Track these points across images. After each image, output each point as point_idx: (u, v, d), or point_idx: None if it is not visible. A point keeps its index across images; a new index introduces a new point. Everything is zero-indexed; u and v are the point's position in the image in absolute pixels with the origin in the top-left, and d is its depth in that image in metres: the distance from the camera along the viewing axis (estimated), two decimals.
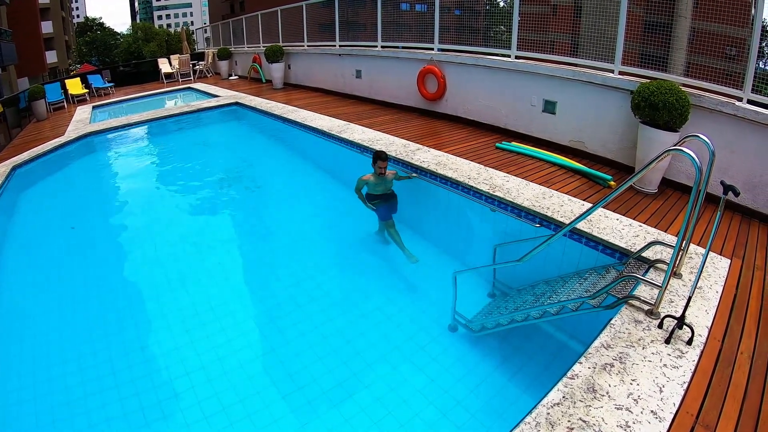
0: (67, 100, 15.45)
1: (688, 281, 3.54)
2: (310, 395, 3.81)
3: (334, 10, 11.96)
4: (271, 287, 5.47)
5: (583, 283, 3.92)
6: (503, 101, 8.00)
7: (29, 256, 6.19)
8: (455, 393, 3.79)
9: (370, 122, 8.97)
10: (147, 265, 5.89)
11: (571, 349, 4.13)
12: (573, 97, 6.81)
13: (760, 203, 4.95)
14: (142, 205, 7.67)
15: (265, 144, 10.71)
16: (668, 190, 5.56)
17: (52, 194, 8.23)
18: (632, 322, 3.09)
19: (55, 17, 42.67)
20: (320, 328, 4.60)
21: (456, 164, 6.19)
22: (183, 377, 3.97)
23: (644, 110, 5.34)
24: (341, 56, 12.18)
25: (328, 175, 8.54)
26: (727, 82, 5.19)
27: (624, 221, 4.55)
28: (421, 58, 9.48)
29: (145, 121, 11.00)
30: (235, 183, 8.54)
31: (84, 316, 4.96)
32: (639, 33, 6.10)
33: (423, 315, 4.77)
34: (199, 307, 4.93)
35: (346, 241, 6.49)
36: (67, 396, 3.85)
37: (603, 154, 6.51)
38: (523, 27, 7.55)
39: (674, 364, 2.72)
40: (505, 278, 5.01)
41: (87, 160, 9.67)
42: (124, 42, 59.96)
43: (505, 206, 5.08)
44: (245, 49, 18.01)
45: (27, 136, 11.31)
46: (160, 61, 19.49)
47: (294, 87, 14.54)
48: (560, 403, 2.45)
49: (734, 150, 5.06)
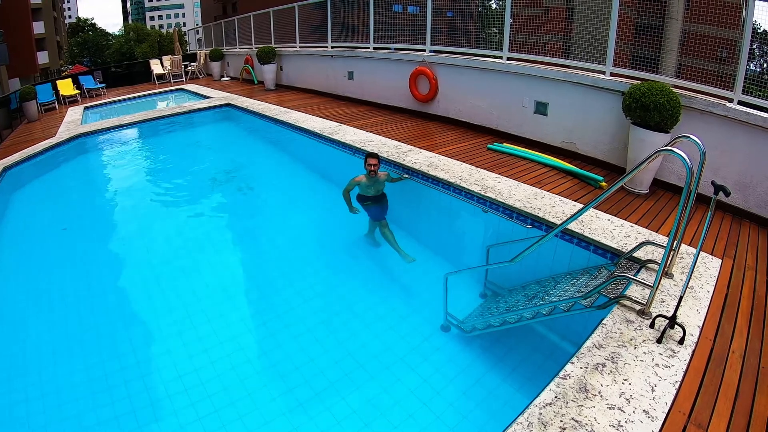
0: (59, 101, 15.31)
1: (679, 281, 3.55)
2: (302, 397, 3.79)
3: (327, 11, 11.94)
4: (263, 289, 5.44)
5: (575, 284, 3.93)
6: (495, 102, 8.02)
7: (20, 258, 6.12)
8: (448, 394, 3.78)
9: (362, 123, 8.96)
10: (138, 267, 5.84)
11: (563, 349, 4.14)
12: (564, 98, 6.84)
13: (751, 203, 4.99)
14: (134, 207, 7.61)
15: (257, 145, 10.66)
16: (659, 191, 5.59)
17: (44, 195, 8.15)
18: (624, 321, 3.10)
19: (47, 17, 42.33)
20: (312, 330, 4.58)
21: (448, 165, 6.19)
22: (175, 380, 3.94)
23: (635, 111, 5.37)
24: (333, 57, 12.17)
25: (320, 176, 8.51)
26: (718, 84, 5.23)
27: (615, 222, 4.56)
28: (413, 59, 9.48)
29: (136, 122, 10.93)
30: (227, 184, 8.50)
31: (75, 317, 4.91)
32: (630, 35, 6.14)
33: (415, 315, 4.76)
34: (190, 308, 4.90)
35: (338, 242, 6.47)
36: (58, 398, 3.81)
37: (594, 155, 6.54)
38: (515, 29, 7.57)
39: (666, 363, 2.73)
40: (497, 279, 5.01)
41: (78, 162, 9.58)
42: (116, 43, 59.86)
43: (496, 207, 5.08)
44: (237, 51, 17.94)
45: (18, 137, 11.19)
46: (152, 62, 19.39)
47: (286, 88, 14.50)
48: (552, 403, 2.45)
49: (725, 150, 5.10)
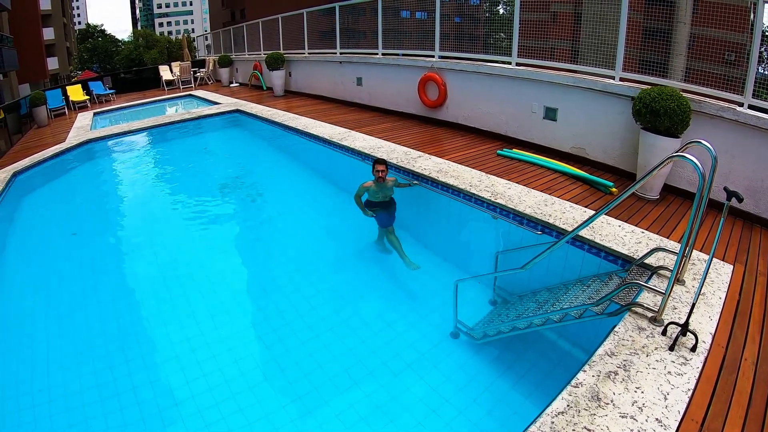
0: (68, 106, 15.48)
1: (691, 288, 3.52)
2: (311, 404, 3.79)
3: (335, 17, 12.01)
4: (272, 295, 5.44)
5: (586, 291, 3.90)
6: (504, 108, 8.01)
7: (30, 262, 6.17)
8: (457, 401, 3.75)
9: (370, 130, 8.98)
10: (147, 273, 5.86)
11: (575, 356, 4.10)
12: (574, 103, 6.82)
13: (762, 209, 4.94)
14: (143, 212, 7.66)
15: (266, 151, 10.71)
16: (670, 196, 5.56)
17: (53, 200, 8.22)
18: (636, 329, 3.08)
19: (57, 23, 42.85)
20: (321, 336, 4.57)
21: (457, 171, 6.18)
22: (183, 386, 3.94)
23: (645, 116, 5.35)
24: (342, 64, 12.22)
25: (329, 182, 8.53)
26: (728, 88, 5.20)
27: (626, 228, 4.53)
28: (421, 65, 9.51)
29: (146, 128, 11.02)
30: (236, 191, 8.53)
31: (84, 322, 4.93)
32: (639, 39, 6.12)
33: (424, 322, 4.74)
34: (199, 315, 4.91)
35: (347, 249, 6.47)
36: (66, 403, 3.82)
37: (604, 160, 6.51)
38: (524, 34, 7.57)
39: (678, 371, 2.70)
40: (507, 285, 4.98)
41: (88, 167, 9.66)
42: (126, 49, 60.28)
43: (506, 213, 5.06)
44: (246, 57, 18.08)
45: (28, 142, 11.33)
46: (161, 68, 19.56)
47: (295, 94, 14.58)
48: (565, 412, 2.43)
49: (735, 155, 5.06)
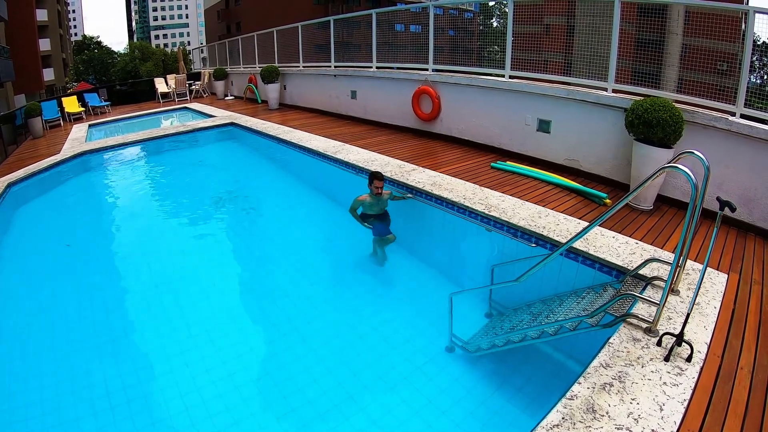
0: (64, 118, 15.44)
1: (686, 297, 3.53)
2: (306, 418, 3.75)
3: (330, 31, 12.09)
4: (267, 309, 5.41)
5: (580, 302, 3.89)
6: (498, 121, 8.05)
7: (23, 273, 6.12)
8: (454, 415, 3.73)
9: (365, 143, 8.99)
10: (141, 285, 5.81)
11: (570, 369, 4.08)
12: (567, 115, 6.86)
13: (756, 217, 4.97)
14: (138, 225, 7.61)
15: (260, 165, 10.70)
16: (663, 206, 5.58)
17: (47, 212, 8.17)
18: (631, 340, 3.07)
19: (53, 35, 42.97)
20: (316, 350, 4.54)
21: (451, 184, 6.19)
22: (176, 399, 3.90)
23: (638, 127, 5.39)
24: (336, 77, 12.27)
25: (323, 196, 8.50)
26: (720, 98, 5.25)
27: (620, 239, 4.54)
28: (415, 78, 9.55)
29: (141, 140, 10.99)
30: (231, 203, 8.51)
31: (78, 335, 4.88)
32: (631, 50, 6.18)
33: (420, 336, 4.71)
34: (193, 328, 4.87)
35: (341, 262, 6.45)
36: (59, 417, 3.77)
37: (598, 172, 6.54)
38: (517, 47, 7.64)
39: (674, 381, 2.69)
40: (502, 298, 4.97)
41: (82, 179, 9.62)
42: (121, 61, 60.31)
43: (501, 226, 5.07)
44: (241, 70, 18.14)
45: (22, 153, 11.27)
46: (156, 81, 19.55)
47: (289, 107, 14.61)
48: (560, 425, 2.41)
49: (729, 165, 5.10)
